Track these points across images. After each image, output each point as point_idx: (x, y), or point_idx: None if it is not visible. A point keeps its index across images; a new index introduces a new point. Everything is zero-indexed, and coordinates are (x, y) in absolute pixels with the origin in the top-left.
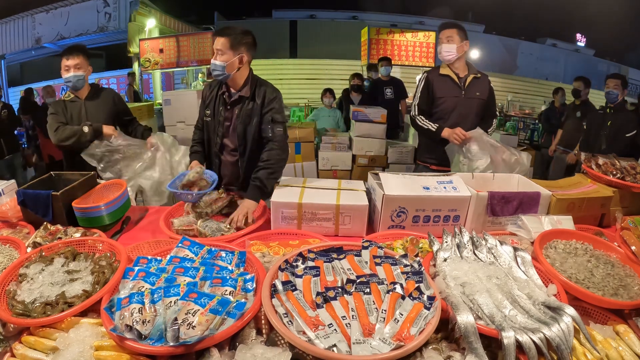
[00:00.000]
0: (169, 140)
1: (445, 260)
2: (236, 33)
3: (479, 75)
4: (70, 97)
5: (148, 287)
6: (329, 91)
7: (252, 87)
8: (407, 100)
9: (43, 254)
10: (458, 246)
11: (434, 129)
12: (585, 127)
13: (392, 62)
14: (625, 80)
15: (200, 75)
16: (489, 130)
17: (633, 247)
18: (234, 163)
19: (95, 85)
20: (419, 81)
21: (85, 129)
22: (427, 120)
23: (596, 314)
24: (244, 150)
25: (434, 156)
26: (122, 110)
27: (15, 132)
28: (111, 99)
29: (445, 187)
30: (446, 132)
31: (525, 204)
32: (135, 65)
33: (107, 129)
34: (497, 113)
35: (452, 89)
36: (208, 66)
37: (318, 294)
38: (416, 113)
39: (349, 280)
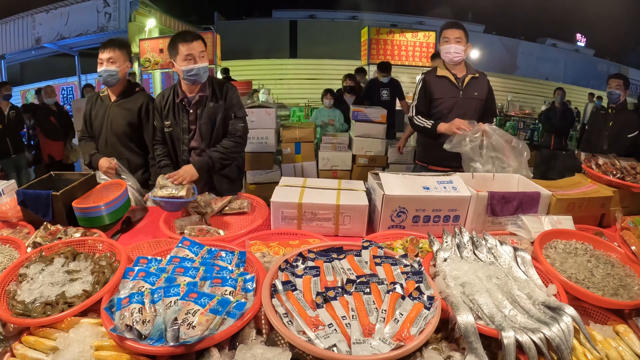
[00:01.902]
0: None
1: (445, 260)
2: (201, 36)
3: (477, 75)
4: (104, 93)
5: (148, 287)
6: (329, 92)
7: (209, 85)
8: (406, 100)
9: (43, 254)
10: (458, 246)
11: (429, 126)
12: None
13: (392, 62)
14: (627, 81)
15: None
16: None
17: (633, 247)
18: None
19: (133, 85)
20: (417, 83)
21: (86, 159)
22: (423, 119)
23: (596, 314)
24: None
25: (431, 155)
26: (141, 127)
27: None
28: (139, 107)
29: (445, 187)
30: (444, 127)
31: (525, 204)
32: (136, 65)
33: (103, 162)
34: (497, 112)
35: (450, 89)
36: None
37: (318, 294)
38: (414, 114)
39: (349, 280)
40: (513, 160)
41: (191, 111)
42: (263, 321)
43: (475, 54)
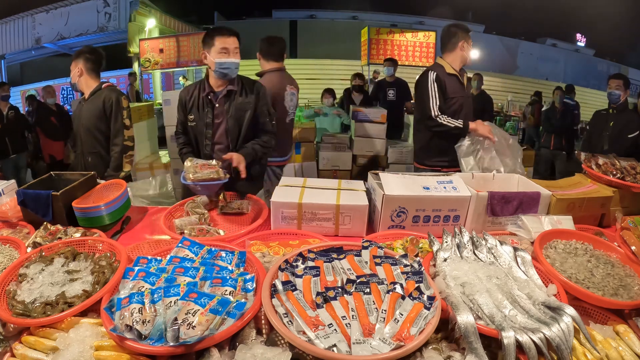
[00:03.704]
0: None
1: (445, 260)
2: (237, 33)
3: (468, 75)
4: (83, 95)
5: (148, 287)
6: (328, 91)
7: (238, 81)
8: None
9: (43, 254)
10: (458, 246)
11: (461, 125)
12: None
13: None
14: (628, 81)
15: (181, 78)
16: None
17: (633, 247)
18: None
19: (102, 83)
20: (430, 81)
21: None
22: (450, 119)
23: (596, 314)
24: (236, 144)
25: (446, 158)
26: (109, 122)
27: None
28: (101, 104)
29: (445, 187)
30: (473, 125)
31: (525, 204)
32: (136, 65)
33: None
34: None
35: (459, 88)
36: (199, 67)
37: (318, 294)
38: (438, 113)
39: (349, 280)
40: (510, 158)
41: (217, 105)
42: (263, 321)
43: (475, 54)
